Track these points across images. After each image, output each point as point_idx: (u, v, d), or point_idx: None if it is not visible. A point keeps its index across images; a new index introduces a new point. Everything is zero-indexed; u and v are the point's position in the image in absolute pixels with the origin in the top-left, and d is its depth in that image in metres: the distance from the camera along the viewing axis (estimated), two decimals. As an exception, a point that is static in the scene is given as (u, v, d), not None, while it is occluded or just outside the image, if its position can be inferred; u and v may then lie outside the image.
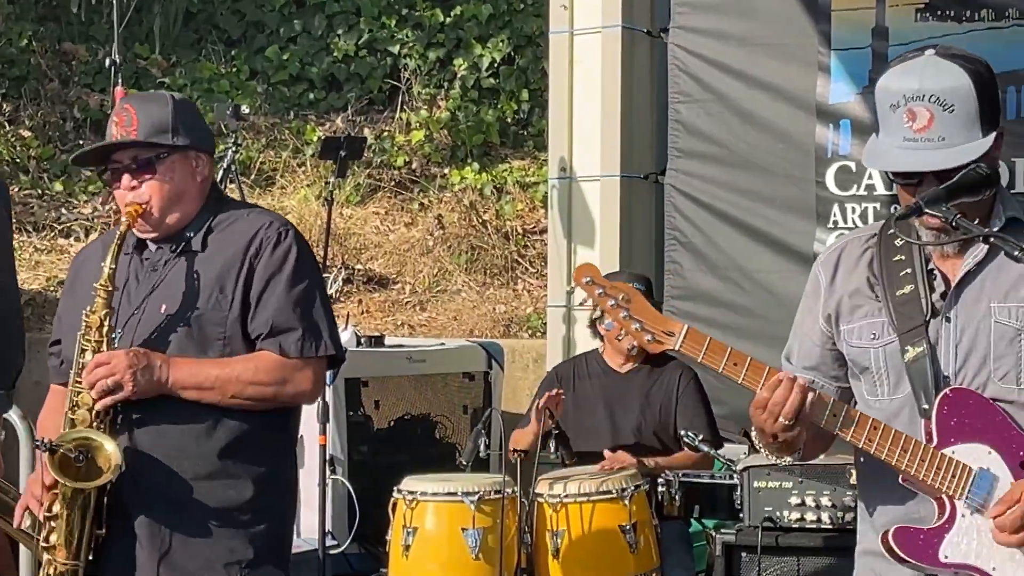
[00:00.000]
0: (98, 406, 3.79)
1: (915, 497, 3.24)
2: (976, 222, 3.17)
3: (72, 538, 3.81)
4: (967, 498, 3.17)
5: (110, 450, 3.75)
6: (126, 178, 3.96)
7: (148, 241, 4.03)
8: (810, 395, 3.17)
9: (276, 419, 3.99)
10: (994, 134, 3.16)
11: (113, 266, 3.87)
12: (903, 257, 3.29)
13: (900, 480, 3.22)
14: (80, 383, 3.83)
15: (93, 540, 3.83)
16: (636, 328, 3.21)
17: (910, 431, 3.22)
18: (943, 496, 3.19)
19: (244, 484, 3.91)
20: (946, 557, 3.19)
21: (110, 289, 3.86)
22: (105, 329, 3.84)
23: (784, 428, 3.18)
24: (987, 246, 3.20)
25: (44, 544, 3.84)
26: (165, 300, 3.92)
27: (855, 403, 3.37)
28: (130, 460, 3.82)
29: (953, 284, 3.24)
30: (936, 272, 3.27)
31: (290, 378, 3.91)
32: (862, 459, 3.34)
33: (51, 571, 3.83)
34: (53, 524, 3.82)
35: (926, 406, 3.20)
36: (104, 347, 3.83)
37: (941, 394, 3.19)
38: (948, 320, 3.23)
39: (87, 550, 3.82)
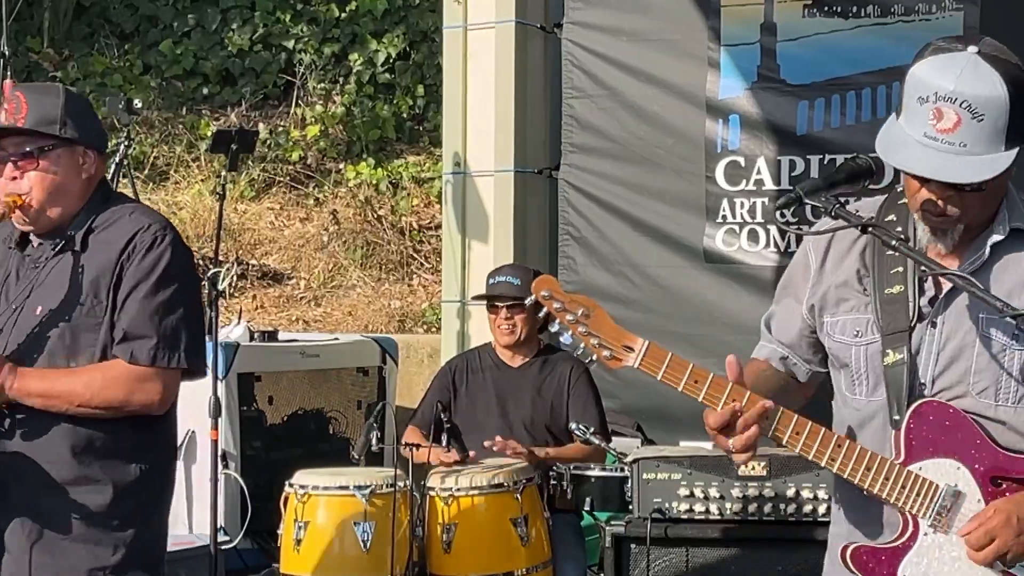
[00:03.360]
0: None
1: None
2: (973, 228, 3.12)
3: None
4: (931, 517, 3.11)
5: None
6: (8, 167, 3.86)
7: (31, 236, 3.94)
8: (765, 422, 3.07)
9: (142, 424, 3.88)
10: (1016, 150, 3.02)
11: None
12: (896, 253, 3.17)
13: (865, 494, 3.15)
14: None
15: None
16: (595, 343, 3.10)
17: (883, 436, 3.16)
18: (907, 513, 3.13)
19: (107, 489, 3.82)
20: None
21: None
22: None
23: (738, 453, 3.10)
24: (988, 253, 3.13)
25: None
26: (41, 301, 3.83)
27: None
28: None
29: (945, 290, 3.16)
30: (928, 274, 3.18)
31: (138, 388, 3.80)
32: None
33: None
34: None
35: (897, 417, 3.13)
36: None
37: (913, 407, 3.13)
38: (934, 325, 3.15)
39: None
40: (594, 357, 3.14)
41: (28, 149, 3.86)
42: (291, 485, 5.73)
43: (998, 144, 3.00)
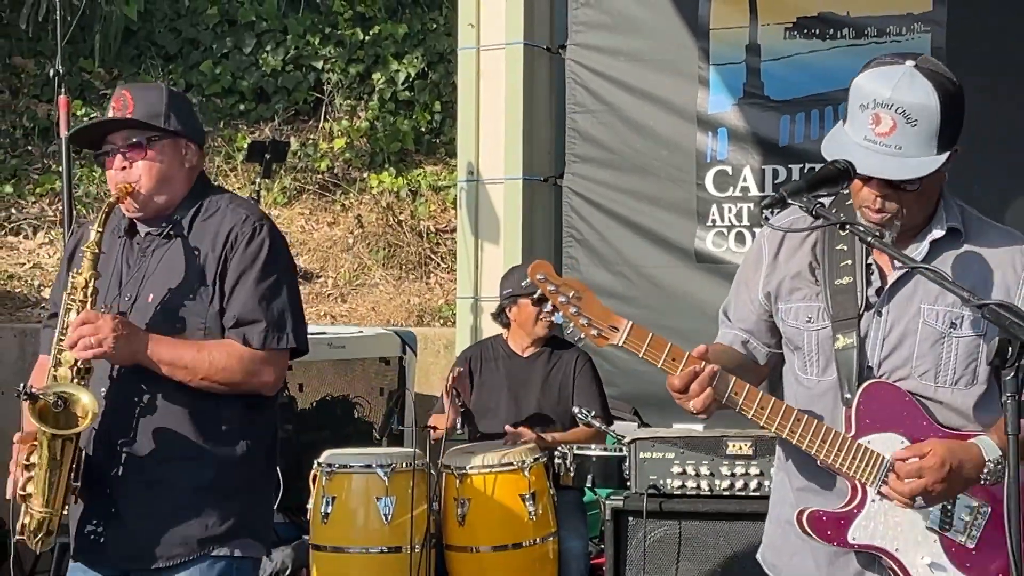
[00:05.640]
0: (77, 356, 3.65)
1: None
2: (905, 225, 3.17)
3: (47, 487, 3.68)
4: (878, 485, 3.15)
5: (87, 400, 3.63)
6: (118, 158, 3.85)
7: (138, 225, 3.92)
8: (718, 383, 3.11)
9: (250, 403, 3.87)
10: (948, 153, 3.09)
11: (100, 230, 3.76)
12: (845, 247, 3.25)
13: (819, 464, 3.20)
14: (64, 340, 3.70)
15: (69, 492, 3.71)
16: (584, 323, 3.12)
17: (834, 414, 3.21)
18: (856, 482, 3.18)
19: (216, 463, 3.80)
20: (854, 539, 3.19)
21: (96, 252, 3.75)
22: (90, 289, 3.72)
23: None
24: (928, 248, 3.19)
25: (21, 492, 3.74)
26: (153, 290, 3.82)
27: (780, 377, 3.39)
28: (113, 439, 3.75)
29: (889, 282, 3.22)
30: (874, 267, 3.24)
31: (255, 369, 3.79)
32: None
33: (27, 519, 3.72)
34: (30, 473, 3.71)
35: (848, 395, 3.18)
36: (89, 306, 3.71)
37: (863, 386, 3.17)
38: (880, 315, 3.20)
39: (63, 500, 3.71)
40: (582, 335, 3.15)
41: (136, 140, 3.84)
42: (319, 464, 5.74)
43: (930, 148, 3.06)
